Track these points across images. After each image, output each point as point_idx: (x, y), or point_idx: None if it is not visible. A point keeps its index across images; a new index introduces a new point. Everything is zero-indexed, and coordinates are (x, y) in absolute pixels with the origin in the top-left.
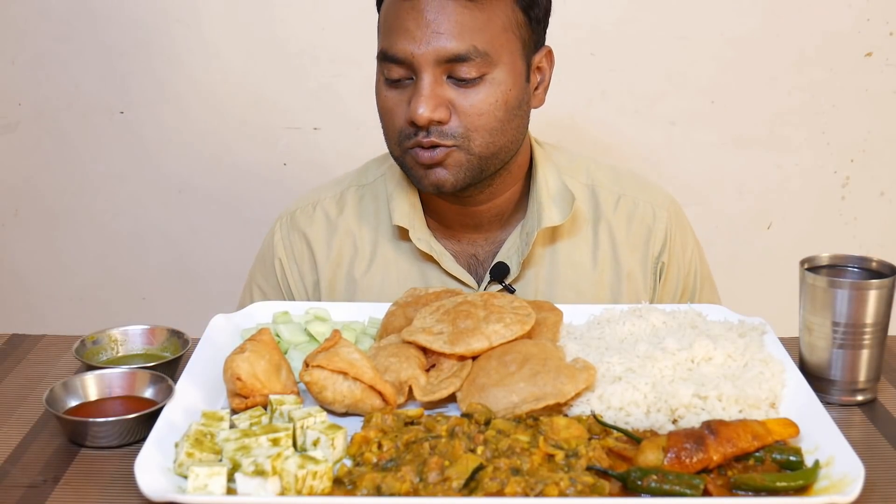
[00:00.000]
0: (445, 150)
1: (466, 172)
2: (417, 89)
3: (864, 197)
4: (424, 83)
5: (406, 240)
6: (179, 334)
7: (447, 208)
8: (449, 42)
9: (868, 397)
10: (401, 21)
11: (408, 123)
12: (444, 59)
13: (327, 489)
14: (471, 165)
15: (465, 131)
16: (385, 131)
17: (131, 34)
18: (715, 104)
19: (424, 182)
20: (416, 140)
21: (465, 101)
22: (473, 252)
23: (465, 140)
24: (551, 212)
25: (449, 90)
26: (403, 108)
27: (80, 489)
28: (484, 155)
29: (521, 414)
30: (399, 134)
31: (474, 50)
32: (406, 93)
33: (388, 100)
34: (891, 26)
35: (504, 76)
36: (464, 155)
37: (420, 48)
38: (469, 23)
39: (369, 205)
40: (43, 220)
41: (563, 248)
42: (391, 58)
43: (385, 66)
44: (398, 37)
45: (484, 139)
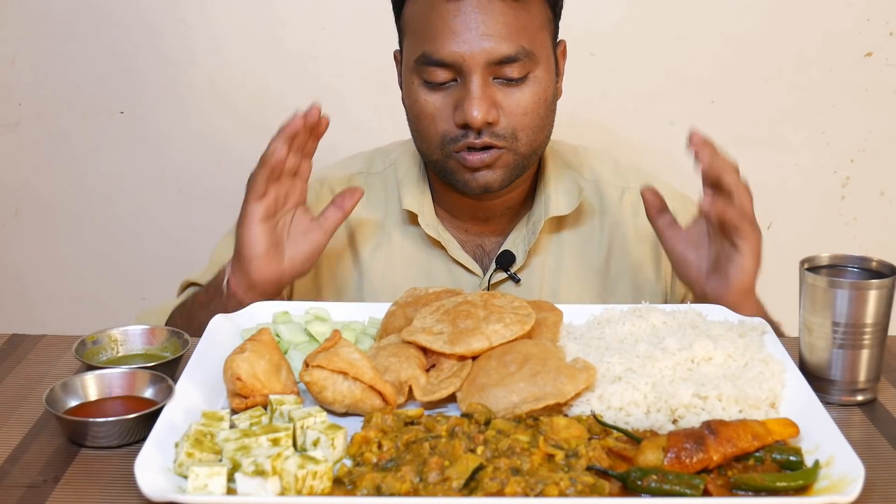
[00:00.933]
0: (497, 153)
1: (512, 172)
2: (468, 92)
3: (864, 197)
4: (475, 85)
5: (414, 224)
6: (179, 334)
7: (459, 200)
8: (499, 43)
9: (868, 397)
10: (445, 23)
11: (457, 126)
12: (495, 61)
13: (327, 489)
14: (516, 165)
15: (512, 131)
16: (422, 135)
17: (131, 34)
18: (715, 104)
19: (472, 185)
20: (467, 142)
21: (510, 101)
22: (480, 243)
23: (513, 140)
24: (558, 202)
25: (496, 91)
26: (447, 111)
27: (80, 489)
28: (527, 154)
29: (521, 414)
30: (443, 138)
31: (522, 50)
32: (450, 95)
33: (429, 104)
34: (891, 26)
35: (544, 74)
36: (511, 156)
37: (470, 50)
38: (515, 23)
39: (378, 192)
40: (43, 220)
41: (569, 238)
42: (437, 62)
43: (427, 70)
44: (445, 39)
45: (528, 137)
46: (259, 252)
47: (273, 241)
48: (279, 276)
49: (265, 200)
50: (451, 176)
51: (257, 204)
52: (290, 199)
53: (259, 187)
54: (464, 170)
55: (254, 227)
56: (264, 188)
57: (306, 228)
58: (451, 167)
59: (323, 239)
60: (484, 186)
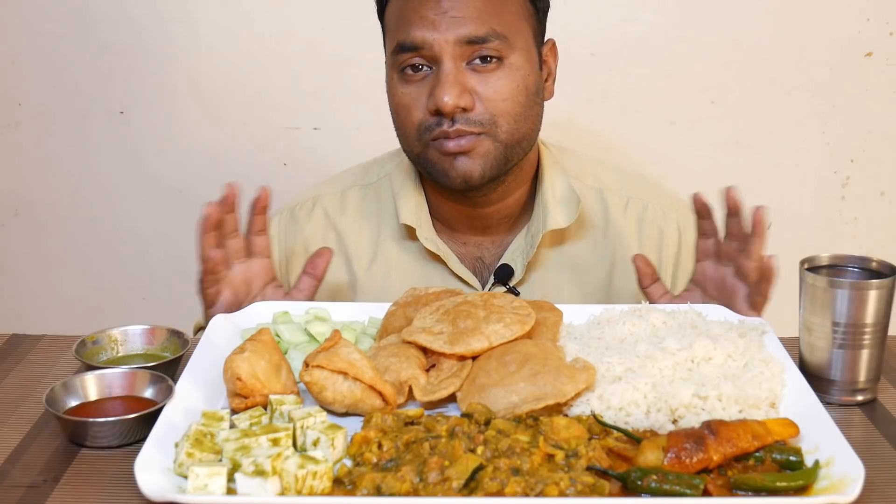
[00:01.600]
0: (473, 139)
1: (494, 162)
2: (439, 77)
3: (864, 197)
4: (446, 69)
5: (411, 239)
6: (179, 334)
7: (455, 210)
8: (469, 24)
9: (868, 397)
10: (417, 11)
11: (430, 114)
12: (465, 40)
13: (327, 489)
14: (497, 154)
15: (491, 117)
16: (401, 129)
17: (131, 34)
18: (715, 104)
19: (452, 174)
20: (441, 130)
21: (487, 87)
22: (479, 255)
23: (492, 126)
24: (557, 214)
25: (470, 77)
26: (422, 101)
27: (80, 489)
28: (509, 143)
29: (521, 414)
30: (419, 128)
31: (493, 32)
32: (424, 86)
33: (405, 96)
34: (891, 26)
35: (522, 62)
36: (491, 142)
37: (440, 33)
38: (486, 7)
39: (372, 204)
40: (43, 220)
41: (569, 251)
42: (408, 46)
43: (401, 58)
44: (416, 25)
45: (509, 125)
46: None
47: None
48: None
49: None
50: (433, 168)
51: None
52: (254, 283)
53: (210, 296)
54: (443, 159)
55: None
56: (215, 290)
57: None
58: (430, 158)
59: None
60: (463, 176)
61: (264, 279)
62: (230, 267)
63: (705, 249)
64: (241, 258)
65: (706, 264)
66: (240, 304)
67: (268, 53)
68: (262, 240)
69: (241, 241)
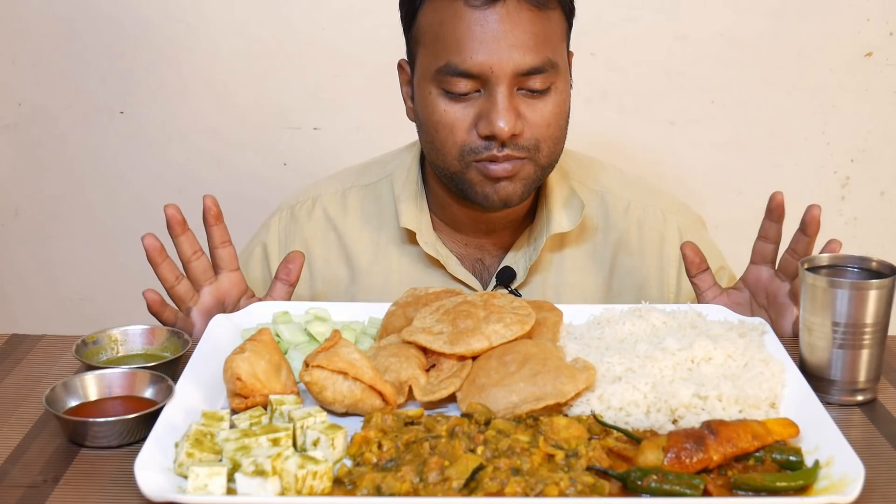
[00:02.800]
0: (519, 164)
1: (531, 185)
2: (495, 103)
3: (864, 197)
4: (501, 97)
5: (412, 243)
6: (179, 334)
7: (461, 214)
8: (526, 54)
9: (868, 397)
10: (472, 33)
11: (480, 137)
12: (523, 71)
13: (327, 489)
14: (536, 177)
15: (535, 143)
16: (440, 146)
17: (131, 34)
18: (715, 104)
19: (493, 198)
20: (490, 154)
21: (534, 112)
22: (480, 256)
23: (535, 152)
24: (560, 218)
25: (520, 103)
26: (468, 122)
27: (80, 489)
28: (546, 166)
29: (521, 414)
30: (462, 149)
31: (548, 61)
32: (472, 106)
33: (448, 114)
34: (891, 26)
35: (563, 85)
36: (532, 167)
37: (498, 61)
38: (541, 33)
39: (372, 206)
40: (43, 220)
41: (571, 254)
42: (463, 72)
43: (450, 81)
44: (471, 49)
45: (549, 149)
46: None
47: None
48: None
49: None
50: (470, 188)
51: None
52: (227, 300)
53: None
54: (485, 181)
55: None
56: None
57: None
58: (470, 179)
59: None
60: (504, 199)
61: (237, 293)
62: (198, 293)
63: (763, 253)
64: (209, 279)
65: (762, 269)
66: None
67: (268, 53)
68: (228, 252)
69: (205, 260)
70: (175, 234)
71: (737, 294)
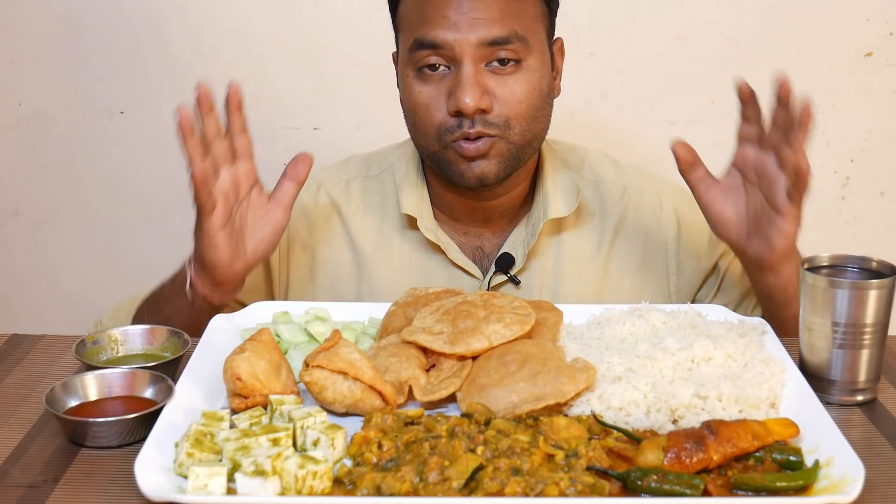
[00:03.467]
0: (490, 141)
1: (507, 162)
2: (460, 79)
3: (864, 197)
4: (467, 72)
5: (413, 229)
6: (179, 334)
7: (458, 201)
8: (490, 26)
9: (868, 397)
10: (438, 9)
11: (450, 115)
12: (487, 42)
13: (327, 489)
14: (511, 155)
15: (505, 119)
16: (418, 128)
17: (131, 34)
18: (715, 104)
19: (468, 175)
20: (462, 132)
21: (504, 88)
22: (479, 244)
23: (506, 129)
24: (557, 203)
25: (489, 79)
26: (441, 101)
27: (80, 489)
28: (521, 144)
29: (521, 414)
30: (438, 128)
31: (514, 34)
32: (442, 86)
33: (423, 94)
34: (891, 26)
35: (537, 63)
36: (504, 144)
37: (462, 33)
38: (507, 8)
39: (375, 196)
40: (43, 220)
41: (569, 239)
42: (428, 44)
43: (419, 56)
44: (436, 24)
45: (522, 127)
46: (223, 258)
47: (234, 243)
48: (244, 268)
49: (217, 210)
50: (448, 167)
51: (209, 217)
52: (241, 186)
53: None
54: (460, 160)
55: (213, 238)
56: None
57: (264, 211)
58: (448, 158)
59: (283, 217)
60: (479, 177)
61: (249, 182)
62: (219, 174)
63: (747, 134)
64: (227, 162)
65: (747, 149)
66: (230, 211)
67: (268, 53)
68: (244, 139)
69: (226, 143)
70: (204, 112)
71: (728, 178)
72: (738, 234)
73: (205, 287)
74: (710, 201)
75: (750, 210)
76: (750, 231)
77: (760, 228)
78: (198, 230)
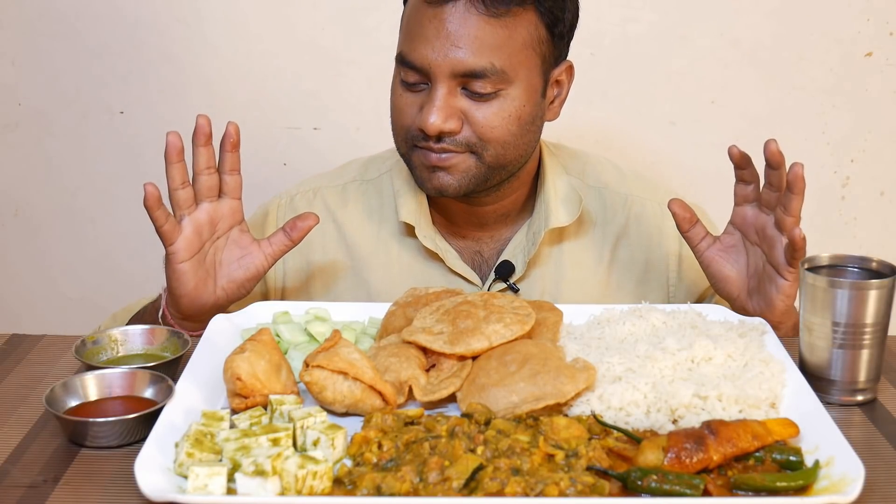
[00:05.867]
0: (455, 156)
1: (472, 179)
2: (431, 98)
3: (864, 197)
4: (438, 94)
5: (411, 236)
6: (179, 334)
7: (453, 206)
8: (467, 57)
9: (868, 397)
10: (422, 28)
11: (417, 129)
12: (460, 73)
13: (327, 489)
14: (478, 173)
15: (477, 140)
16: (393, 128)
17: (131, 34)
18: (715, 104)
19: (427, 185)
20: (426, 144)
21: (478, 113)
22: (478, 249)
23: (479, 147)
24: (559, 212)
25: (463, 101)
26: (415, 110)
27: (80, 489)
28: (493, 165)
29: (521, 414)
30: (406, 133)
31: (491, 67)
32: (420, 97)
33: (402, 99)
34: (891, 26)
35: (519, 93)
36: (474, 161)
37: (437, 58)
38: (489, 39)
39: (373, 201)
40: (43, 220)
41: (570, 248)
42: (408, 63)
43: (401, 70)
44: (417, 43)
45: (496, 151)
46: (188, 290)
47: (202, 275)
48: (213, 304)
49: (180, 241)
50: (414, 172)
51: (170, 245)
52: (220, 223)
53: (162, 228)
54: (423, 167)
55: (175, 267)
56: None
57: (243, 253)
58: (413, 162)
59: (263, 265)
60: (438, 188)
61: (231, 221)
62: (196, 205)
63: (744, 195)
64: (212, 197)
65: (746, 209)
66: (202, 244)
67: (268, 53)
68: (234, 180)
69: (215, 178)
70: (198, 144)
71: (728, 238)
72: (738, 292)
73: (174, 317)
74: (711, 259)
75: (751, 268)
76: (751, 289)
77: (761, 287)
78: (165, 259)
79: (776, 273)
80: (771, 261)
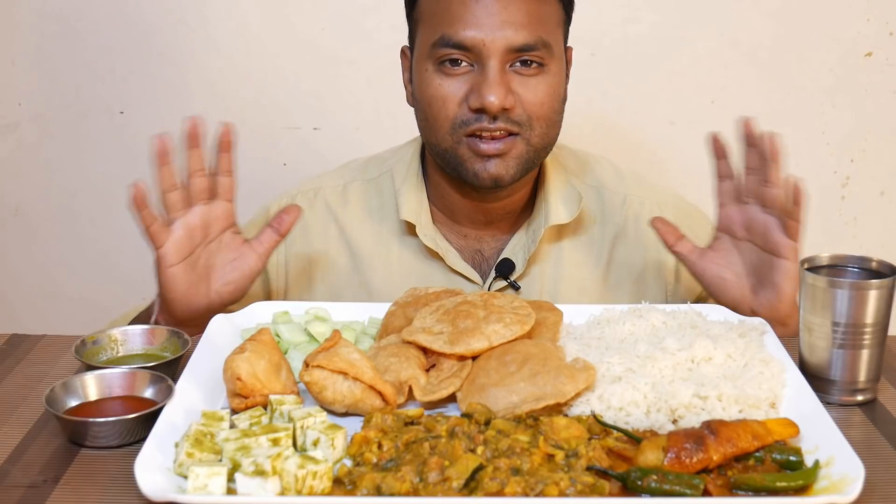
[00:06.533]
0: (511, 140)
1: (523, 164)
2: (485, 76)
3: (864, 197)
4: (493, 70)
5: (412, 235)
6: (179, 334)
7: (460, 203)
8: (518, 31)
9: (868, 397)
10: (467, 8)
11: (471, 111)
12: (514, 48)
13: (327, 489)
14: (528, 157)
15: (528, 119)
16: (431, 122)
17: (131, 34)
18: (715, 104)
19: (482, 175)
20: (481, 125)
21: (526, 90)
22: (479, 248)
23: (527, 129)
24: (559, 210)
25: (512, 79)
26: (460, 95)
27: (80, 489)
28: (539, 147)
29: (521, 414)
30: (453, 122)
31: (541, 40)
32: (464, 81)
33: (442, 88)
34: (891, 26)
35: (558, 69)
36: (524, 145)
37: (490, 36)
38: (536, 13)
39: (374, 200)
40: (43, 220)
41: (569, 246)
42: (456, 44)
43: (443, 52)
44: (465, 23)
45: (542, 129)
46: (179, 294)
47: (193, 279)
48: (206, 308)
49: (170, 245)
50: (461, 166)
51: (159, 249)
52: (213, 226)
53: (149, 230)
54: (475, 158)
55: (165, 271)
56: (159, 231)
57: (236, 255)
58: (461, 155)
59: (256, 265)
60: (495, 177)
61: (224, 224)
62: (188, 209)
63: (725, 192)
64: (203, 199)
65: (729, 209)
66: (193, 247)
67: (268, 53)
68: (227, 182)
69: (205, 180)
70: (189, 146)
71: (716, 243)
72: (741, 294)
73: (168, 323)
74: (704, 269)
75: (748, 265)
76: (754, 286)
77: (765, 279)
78: (155, 263)
79: (776, 257)
80: (767, 247)
